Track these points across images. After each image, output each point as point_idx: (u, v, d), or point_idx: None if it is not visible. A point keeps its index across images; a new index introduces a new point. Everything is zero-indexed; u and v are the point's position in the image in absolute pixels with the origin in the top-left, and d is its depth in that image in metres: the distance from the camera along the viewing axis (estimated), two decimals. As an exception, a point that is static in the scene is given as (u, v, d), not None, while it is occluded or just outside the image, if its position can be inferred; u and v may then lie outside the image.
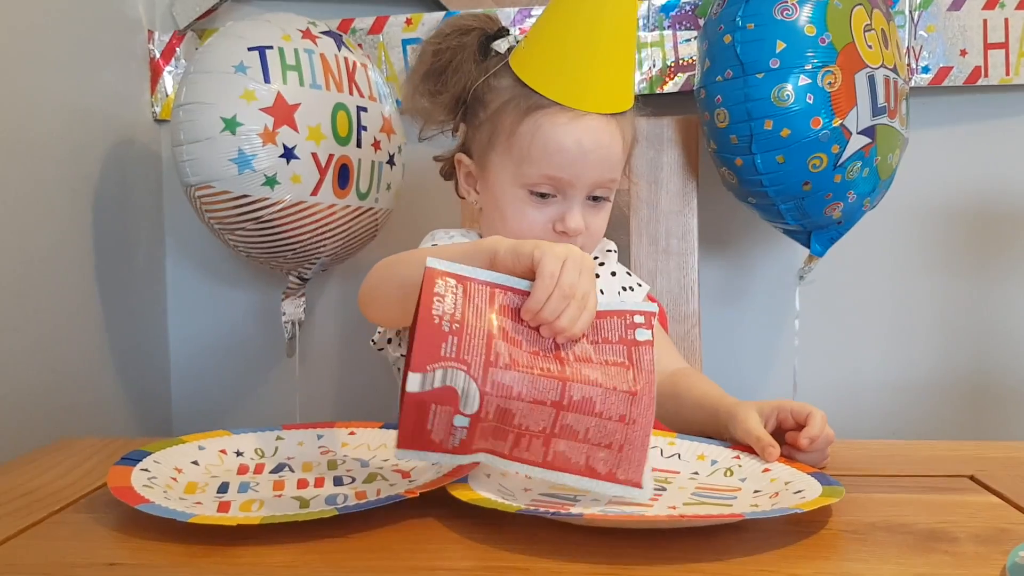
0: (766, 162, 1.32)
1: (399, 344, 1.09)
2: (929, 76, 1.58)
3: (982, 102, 1.63)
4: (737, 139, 1.32)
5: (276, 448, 0.91)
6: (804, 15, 1.29)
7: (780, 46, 1.28)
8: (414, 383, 0.68)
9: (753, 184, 1.35)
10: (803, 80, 1.29)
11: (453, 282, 0.71)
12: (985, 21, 1.56)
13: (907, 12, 1.57)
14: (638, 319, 0.76)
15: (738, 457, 0.86)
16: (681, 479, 0.83)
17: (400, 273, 0.89)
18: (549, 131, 0.97)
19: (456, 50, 1.03)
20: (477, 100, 1.04)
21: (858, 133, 1.32)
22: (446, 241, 1.08)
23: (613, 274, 1.13)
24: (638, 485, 0.74)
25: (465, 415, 0.69)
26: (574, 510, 0.73)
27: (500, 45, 1.05)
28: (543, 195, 1.00)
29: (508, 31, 1.07)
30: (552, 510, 0.71)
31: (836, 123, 1.30)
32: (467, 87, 1.04)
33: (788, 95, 1.28)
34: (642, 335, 0.75)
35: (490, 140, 1.03)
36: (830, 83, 1.29)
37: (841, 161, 1.32)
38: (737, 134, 1.32)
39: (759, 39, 1.30)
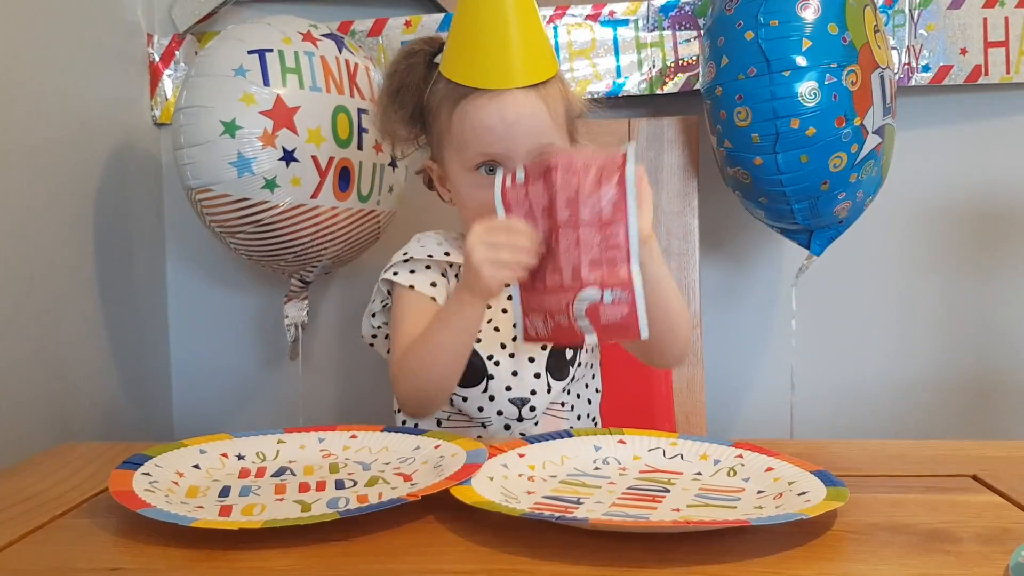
0: (788, 161, 1.31)
1: (385, 337, 1.17)
2: (929, 75, 1.58)
3: (982, 101, 1.63)
4: (759, 138, 1.31)
5: (277, 452, 0.91)
6: (826, 13, 1.29)
7: (806, 44, 1.28)
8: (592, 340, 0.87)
9: (771, 184, 1.34)
10: (829, 79, 1.29)
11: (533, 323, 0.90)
12: (985, 19, 1.56)
13: (907, 11, 1.56)
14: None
15: (741, 456, 0.86)
16: (684, 480, 0.83)
17: (437, 355, 1.02)
18: (474, 114, 1.05)
19: (406, 71, 1.13)
20: (427, 109, 1.13)
21: (873, 132, 1.33)
22: (432, 244, 1.16)
23: None
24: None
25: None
26: (579, 513, 0.73)
27: (440, 58, 1.13)
28: (490, 171, 1.06)
29: None
30: (557, 513, 0.71)
31: (857, 122, 1.30)
32: (419, 101, 1.13)
33: (815, 94, 1.28)
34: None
35: (439, 140, 1.12)
36: (852, 82, 1.29)
37: (858, 160, 1.32)
38: (760, 132, 1.31)
39: (784, 36, 1.29)
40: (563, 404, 1.13)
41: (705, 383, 1.50)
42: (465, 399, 1.09)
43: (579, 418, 1.15)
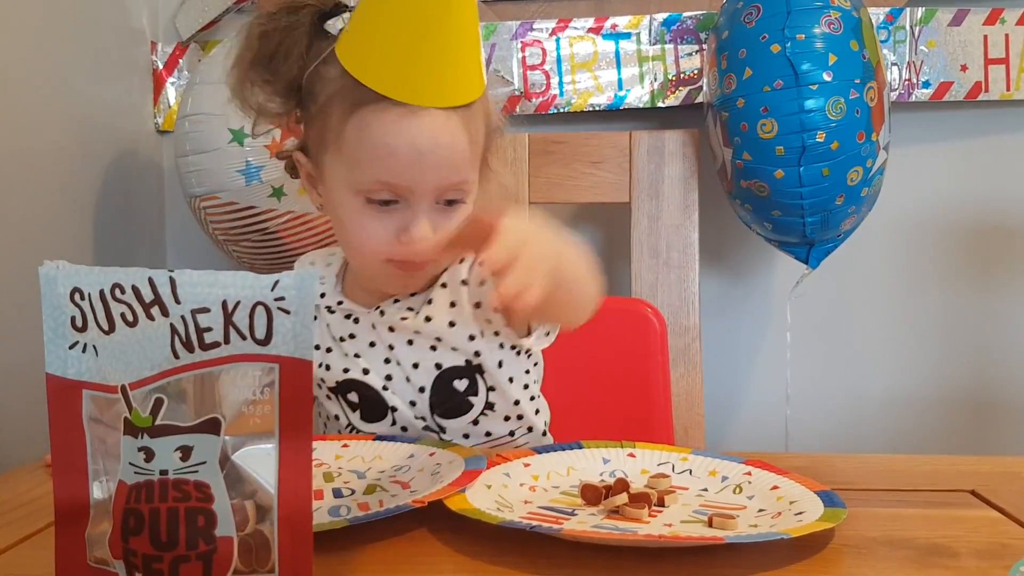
0: (810, 174, 1.32)
1: None
2: (930, 91, 1.59)
3: (982, 117, 1.64)
4: (784, 150, 1.32)
5: (271, 461, 0.91)
6: (846, 31, 1.31)
7: (832, 59, 1.30)
8: None
9: (791, 196, 1.35)
10: (853, 94, 1.30)
11: None
12: (986, 37, 1.57)
13: (908, 27, 1.57)
14: None
15: (749, 473, 0.85)
16: (688, 496, 0.82)
17: None
18: (378, 131, 0.84)
19: (285, 31, 0.88)
20: (308, 91, 0.89)
21: (883, 148, 1.35)
22: (318, 264, 1.01)
23: None
24: None
25: None
26: (569, 525, 0.72)
27: (334, 25, 0.89)
28: (384, 202, 0.87)
29: (347, 7, 0.91)
30: (534, 523, 0.70)
31: (874, 138, 1.32)
32: (297, 76, 0.90)
33: (842, 108, 1.29)
34: None
35: (321, 138, 0.89)
36: (871, 99, 1.31)
37: (871, 175, 1.33)
38: (785, 145, 1.32)
39: (811, 51, 1.30)
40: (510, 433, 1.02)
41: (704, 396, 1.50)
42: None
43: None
